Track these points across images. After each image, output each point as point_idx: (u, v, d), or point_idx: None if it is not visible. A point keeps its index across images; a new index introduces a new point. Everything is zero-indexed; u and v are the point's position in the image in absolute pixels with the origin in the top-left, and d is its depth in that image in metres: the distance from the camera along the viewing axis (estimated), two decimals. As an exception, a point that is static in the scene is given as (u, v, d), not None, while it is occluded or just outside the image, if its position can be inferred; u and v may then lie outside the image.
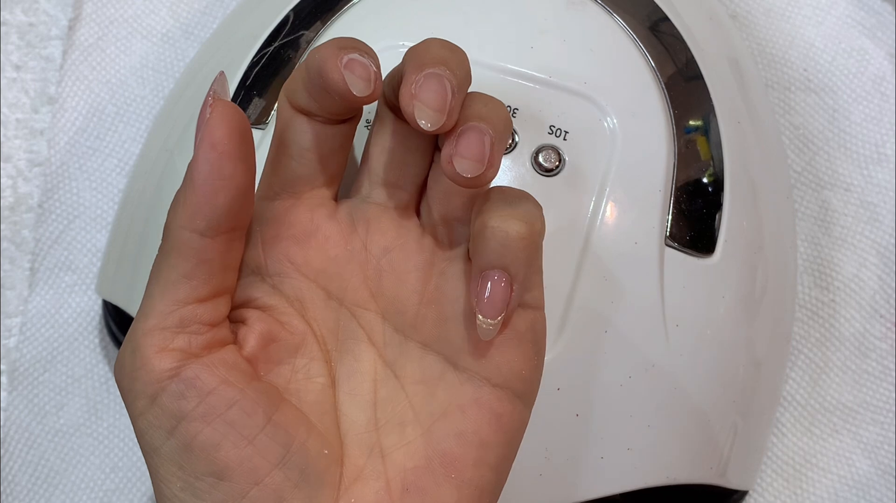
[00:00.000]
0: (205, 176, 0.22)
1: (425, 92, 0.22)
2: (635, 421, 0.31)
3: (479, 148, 0.22)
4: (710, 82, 0.33)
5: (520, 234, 0.23)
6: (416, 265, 0.26)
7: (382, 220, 0.26)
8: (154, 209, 0.36)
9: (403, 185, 0.26)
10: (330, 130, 0.25)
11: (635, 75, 0.32)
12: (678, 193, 0.32)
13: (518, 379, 0.24)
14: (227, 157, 0.22)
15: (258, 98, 0.34)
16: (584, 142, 0.31)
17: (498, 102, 0.24)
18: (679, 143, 0.32)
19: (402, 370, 0.25)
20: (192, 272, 0.23)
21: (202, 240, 0.23)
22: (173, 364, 0.23)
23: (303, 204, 0.26)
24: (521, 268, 0.23)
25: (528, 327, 0.25)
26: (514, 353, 0.24)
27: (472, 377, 0.24)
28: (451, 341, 0.25)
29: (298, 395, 0.25)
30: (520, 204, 0.24)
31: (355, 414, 0.25)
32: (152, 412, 0.23)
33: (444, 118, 0.22)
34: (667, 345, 0.31)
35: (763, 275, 0.34)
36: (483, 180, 0.23)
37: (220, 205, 0.22)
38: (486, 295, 0.23)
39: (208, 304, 0.23)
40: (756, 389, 0.35)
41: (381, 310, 0.26)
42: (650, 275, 0.31)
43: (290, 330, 0.25)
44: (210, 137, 0.22)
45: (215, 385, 0.23)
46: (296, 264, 0.26)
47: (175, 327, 0.23)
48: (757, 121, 0.36)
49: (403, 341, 0.26)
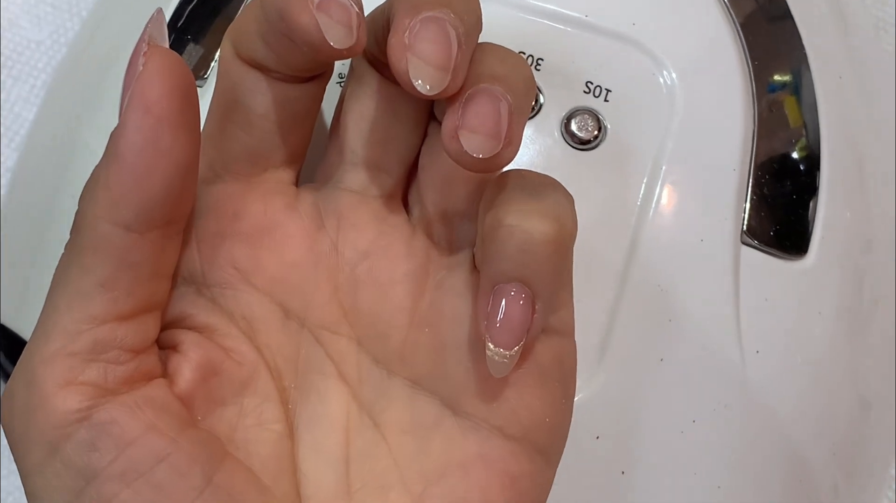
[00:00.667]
0: (136, 149, 0.22)
1: (423, 42, 0.22)
2: (700, 480, 0.31)
3: (494, 118, 0.22)
4: (803, 23, 0.34)
5: (546, 237, 0.22)
6: (404, 274, 0.26)
7: (359, 213, 0.26)
8: (55, 196, 0.36)
9: (388, 166, 0.26)
10: (291, 91, 0.25)
11: (701, 14, 0.32)
12: (759, 174, 0.32)
13: (540, 428, 0.24)
14: (167, 123, 0.22)
15: (193, 44, 0.34)
16: (631, 104, 0.31)
17: (518, 57, 0.24)
18: (760, 105, 0.32)
19: (383, 415, 0.26)
20: (113, 279, 0.23)
21: (128, 236, 0.22)
22: (82, 403, 0.22)
23: (253, 190, 0.26)
24: (546, 281, 0.23)
25: (554, 359, 0.24)
26: (536, 394, 0.24)
27: (477, 426, 0.24)
28: (450, 377, 0.25)
29: (247, 448, 0.25)
30: (546, 194, 0.23)
31: (321, 474, 0.25)
32: (52, 467, 0.22)
33: (448, 77, 0.22)
34: (743, 377, 0.31)
35: (873, 283, 0.34)
36: (499, 162, 0.22)
37: (155, 188, 0.22)
38: (500, 317, 0.23)
39: (132, 324, 0.23)
40: (863, 438, 0.35)
41: (356, 335, 0.26)
42: (721, 283, 0.31)
43: (237, 359, 0.25)
44: (143, 97, 0.22)
45: (138, 433, 0.23)
46: (243, 271, 0.26)
47: (86, 353, 0.23)
48: (864, 75, 0.36)
49: (385, 377, 0.26)
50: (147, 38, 0.22)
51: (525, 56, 0.32)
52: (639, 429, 0.31)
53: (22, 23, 0.44)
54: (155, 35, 0.23)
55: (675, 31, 0.32)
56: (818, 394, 0.33)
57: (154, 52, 0.22)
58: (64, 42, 0.44)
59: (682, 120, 0.31)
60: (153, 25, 0.23)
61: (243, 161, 0.26)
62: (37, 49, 0.44)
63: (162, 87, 0.22)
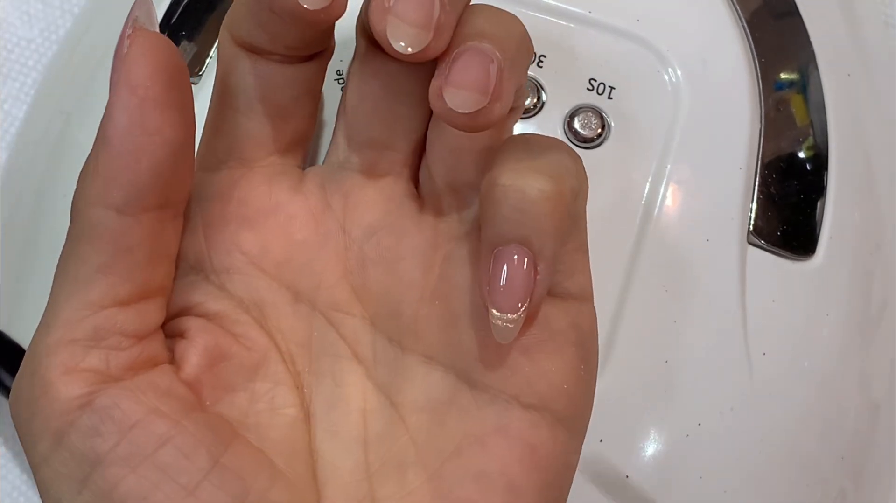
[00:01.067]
0: (122, 130, 0.22)
1: (402, 3, 0.22)
2: (706, 484, 0.31)
3: (479, 73, 0.22)
4: (810, 20, 0.34)
5: (542, 194, 0.22)
6: (412, 249, 0.26)
7: (366, 191, 0.26)
8: (46, 194, 0.36)
9: (394, 143, 0.26)
10: (289, 71, 0.25)
11: (706, 10, 0.32)
12: (766, 172, 0.32)
13: (559, 396, 0.24)
14: (153, 103, 0.22)
15: (188, 41, 0.33)
16: (636, 101, 0.31)
17: (509, 16, 0.24)
18: (767, 103, 0.32)
19: (400, 395, 0.25)
20: (109, 264, 0.23)
21: (120, 219, 0.23)
22: (84, 389, 0.23)
23: (257, 174, 0.26)
24: (547, 240, 0.23)
25: (570, 324, 0.24)
26: (552, 361, 0.24)
27: (493, 398, 0.24)
28: (463, 350, 0.25)
29: (259, 432, 0.25)
30: (546, 153, 0.23)
31: (339, 456, 0.25)
32: (58, 456, 0.23)
33: (430, 36, 0.22)
34: (750, 380, 0.31)
35: (882, 284, 0.34)
36: (487, 117, 0.22)
37: (144, 170, 0.22)
38: (501, 280, 0.23)
39: (132, 310, 0.24)
40: (871, 441, 0.35)
41: (368, 314, 0.26)
42: (727, 284, 0.31)
43: (246, 344, 0.26)
44: (128, 78, 0.22)
45: (140, 416, 0.23)
46: (250, 255, 0.26)
47: (87, 340, 0.23)
48: (873, 73, 0.36)
49: (400, 355, 0.26)
50: (132, 21, 0.23)
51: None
52: (643, 433, 0.31)
53: (13, 20, 0.44)
54: (141, 17, 0.23)
55: (680, 27, 0.32)
56: (826, 396, 0.33)
57: (138, 34, 0.22)
58: (55, 39, 0.44)
59: (687, 118, 0.31)
60: (138, 9, 0.23)
61: (246, 146, 0.26)
62: (27, 46, 0.44)
63: (147, 68, 0.22)
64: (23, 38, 0.44)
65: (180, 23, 0.34)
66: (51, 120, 0.37)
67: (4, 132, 0.43)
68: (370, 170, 0.26)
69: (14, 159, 0.40)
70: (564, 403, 0.24)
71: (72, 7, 0.44)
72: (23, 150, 0.39)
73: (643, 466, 0.31)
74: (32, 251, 0.36)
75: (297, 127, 0.26)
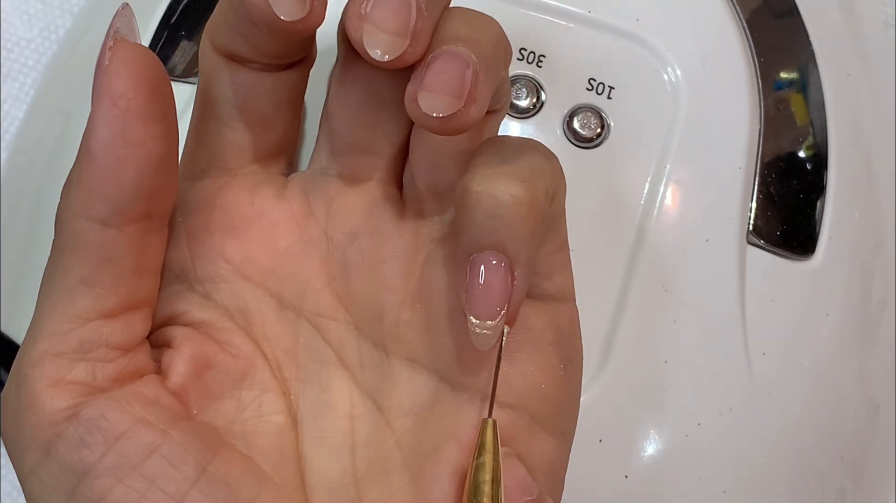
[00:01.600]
0: (104, 142, 0.22)
1: (378, 9, 0.22)
2: (705, 485, 0.31)
3: (453, 77, 0.22)
4: (810, 19, 0.34)
5: (515, 199, 0.22)
6: (393, 253, 0.26)
7: (348, 197, 0.26)
8: (45, 194, 0.35)
9: (376, 148, 0.26)
10: (269, 80, 0.25)
11: (706, 9, 0.32)
12: (765, 172, 0.32)
13: (535, 396, 0.24)
14: (134, 115, 0.22)
15: (186, 41, 0.33)
16: (635, 101, 0.31)
17: (485, 17, 0.24)
18: (766, 102, 0.32)
19: (386, 399, 0.25)
20: (94, 276, 0.23)
21: (104, 230, 0.23)
22: (70, 401, 0.23)
23: (240, 182, 0.26)
24: (521, 246, 0.22)
25: (548, 324, 0.24)
26: (530, 361, 0.24)
27: (472, 398, 0.24)
28: (443, 351, 0.25)
29: (246, 440, 0.25)
30: (518, 156, 0.23)
31: (326, 462, 0.25)
32: (46, 468, 0.23)
33: (406, 43, 0.22)
34: (749, 380, 0.31)
35: (882, 284, 0.34)
36: (462, 121, 0.22)
37: (127, 181, 0.22)
38: (478, 287, 0.23)
39: (118, 322, 0.23)
40: (871, 441, 0.35)
41: (353, 320, 0.26)
42: (727, 284, 0.31)
43: (232, 352, 0.25)
44: (110, 90, 0.22)
45: (127, 426, 0.23)
46: (234, 264, 0.26)
47: (73, 352, 0.23)
48: (873, 72, 0.36)
49: (385, 360, 0.26)
50: (113, 32, 0.22)
51: (527, 53, 0.31)
52: (642, 433, 0.31)
53: (12, 20, 0.44)
54: (122, 28, 0.23)
55: (679, 26, 0.32)
56: (825, 396, 0.33)
57: (119, 46, 0.22)
58: (55, 39, 0.44)
59: (686, 118, 0.31)
60: (119, 20, 0.23)
61: (228, 155, 0.26)
62: (27, 46, 0.44)
63: (128, 80, 0.22)
64: (22, 37, 0.44)
65: (180, 23, 0.34)
66: (51, 120, 0.37)
67: (4, 132, 0.43)
68: (353, 175, 0.26)
69: (14, 159, 0.40)
70: (542, 403, 0.24)
71: (71, 7, 0.44)
72: (23, 150, 0.39)
73: (643, 466, 0.31)
74: (32, 251, 0.35)
75: (280, 135, 0.26)
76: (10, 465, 0.40)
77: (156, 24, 0.33)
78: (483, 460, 0.23)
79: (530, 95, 0.31)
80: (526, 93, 0.31)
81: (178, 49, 0.33)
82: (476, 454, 0.23)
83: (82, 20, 0.40)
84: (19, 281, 0.36)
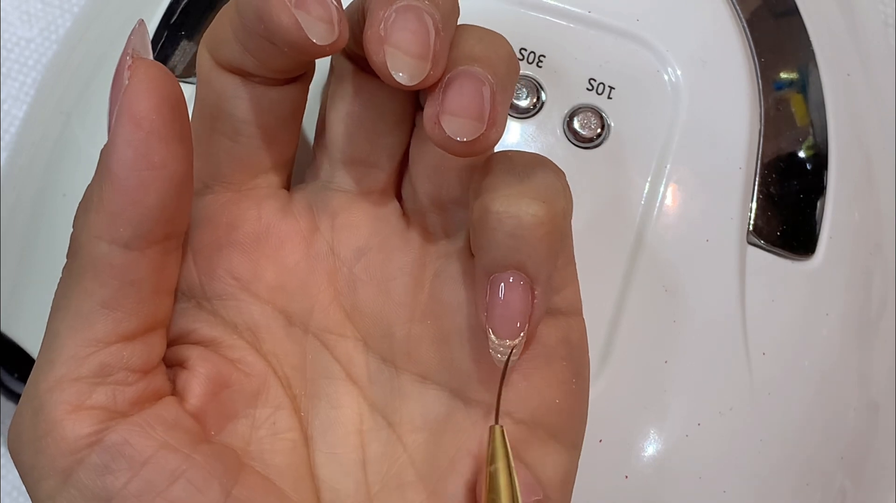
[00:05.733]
0: (128, 165, 0.22)
1: (399, 32, 0.22)
2: (705, 485, 0.31)
3: (476, 99, 0.22)
4: (810, 19, 0.33)
5: (536, 219, 0.22)
6: (400, 268, 0.26)
7: (352, 211, 0.26)
8: (45, 194, 0.35)
9: (377, 161, 0.26)
10: (274, 94, 0.25)
11: (706, 9, 0.32)
12: (765, 172, 0.32)
13: (551, 410, 0.24)
14: (157, 137, 0.22)
15: (186, 41, 0.33)
16: (635, 101, 0.31)
17: (497, 36, 0.24)
18: (766, 103, 0.32)
19: (396, 415, 0.25)
20: (115, 299, 0.23)
21: (127, 254, 0.22)
22: (93, 427, 0.22)
23: (245, 198, 0.26)
24: (542, 264, 0.23)
25: (561, 339, 0.24)
26: (543, 376, 0.24)
27: (487, 413, 0.24)
28: (456, 367, 0.25)
29: (262, 458, 0.25)
30: (533, 174, 0.23)
31: (339, 479, 0.25)
32: (66, 495, 0.22)
33: (429, 66, 0.22)
34: (749, 380, 0.31)
35: (882, 284, 0.34)
36: (484, 144, 0.22)
37: (151, 205, 0.22)
38: (499, 307, 0.23)
39: (137, 344, 0.23)
40: (871, 441, 0.35)
41: (361, 336, 0.26)
42: (727, 284, 0.31)
43: (245, 370, 0.25)
44: (132, 111, 0.21)
45: (152, 452, 0.22)
46: (242, 280, 0.26)
47: (93, 377, 0.23)
48: (873, 73, 0.36)
49: (395, 375, 0.26)
50: (131, 50, 0.22)
51: (527, 53, 0.31)
52: (643, 433, 0.31)
53: (12, 20, 0.44)
54: (138, 46, 0.22)
55: (679, 26, 0.32)
56: (826, 396, 0.33)
57: (139, 65, 0.22)
58: (55, 39, 0.44)
59: (686, 118, 0.31)
60: (136, 38, 0.23)
61: (232, 169, 0.26)
62: (27, 46, 0.44)
63: (150, 101, 0.22)
64: (22, 37, 0.44)
65: (180, 23, 0.33)
66: (50, 120, 0.37)
67: (4, 132, 0.43)
68: (355, 189, 0.26)
69: (14, 159, 0.40)
70: (557, 418, 0.24)
71: (71, 7, 0.44)
72: (22, 149, 0.39)
73: (643, 467, 0.31)
74: (32, 251, 0.35)
75: (282, 147, 0.26)
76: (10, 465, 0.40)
77: (156, 24, 0.33)
78: (497, 467, 0.23)
79: (530, 95, 0.31)
80: (526, 93, 0.31)
81: (178, 49, 0.33)
82: (489, 461, 0.23)
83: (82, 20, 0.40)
84: (19, 281, 0.36)
